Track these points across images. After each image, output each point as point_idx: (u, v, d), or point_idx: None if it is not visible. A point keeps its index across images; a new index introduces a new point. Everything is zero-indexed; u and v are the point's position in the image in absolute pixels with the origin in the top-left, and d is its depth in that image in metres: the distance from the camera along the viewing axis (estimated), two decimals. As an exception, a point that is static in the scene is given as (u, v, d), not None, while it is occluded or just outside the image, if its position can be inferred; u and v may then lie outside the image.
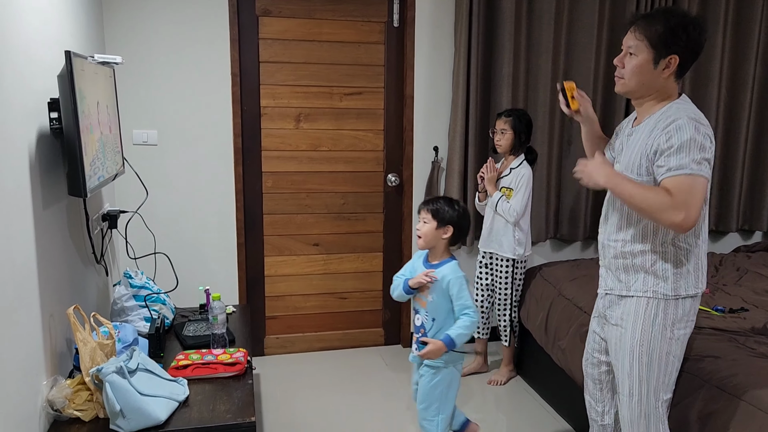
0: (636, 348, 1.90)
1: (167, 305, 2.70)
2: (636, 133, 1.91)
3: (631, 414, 1.95)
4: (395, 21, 3.42)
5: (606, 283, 2.04)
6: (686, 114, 1.78)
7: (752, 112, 3.79)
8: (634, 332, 1.91)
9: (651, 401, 1.92)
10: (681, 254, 1.86)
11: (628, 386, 1.94)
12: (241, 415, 1.96)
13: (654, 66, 1.82)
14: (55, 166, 2.03)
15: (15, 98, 1.69)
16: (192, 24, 3.12)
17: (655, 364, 1.90)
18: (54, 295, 1.97)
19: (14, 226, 1.65)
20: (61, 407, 1.84)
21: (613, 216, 1.98)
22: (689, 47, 1.80)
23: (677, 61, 1.80)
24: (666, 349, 1.89)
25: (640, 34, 1.82)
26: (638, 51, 1.83)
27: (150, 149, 3.16)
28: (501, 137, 3.06)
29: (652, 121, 1.86)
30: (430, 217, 2.31)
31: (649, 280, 1.89)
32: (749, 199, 3.94)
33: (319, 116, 3.41)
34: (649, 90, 1.86)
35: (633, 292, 1.93)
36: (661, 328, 1.88)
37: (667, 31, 1.78)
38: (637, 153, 1.87)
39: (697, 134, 1.74)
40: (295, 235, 3.51)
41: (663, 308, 1.88)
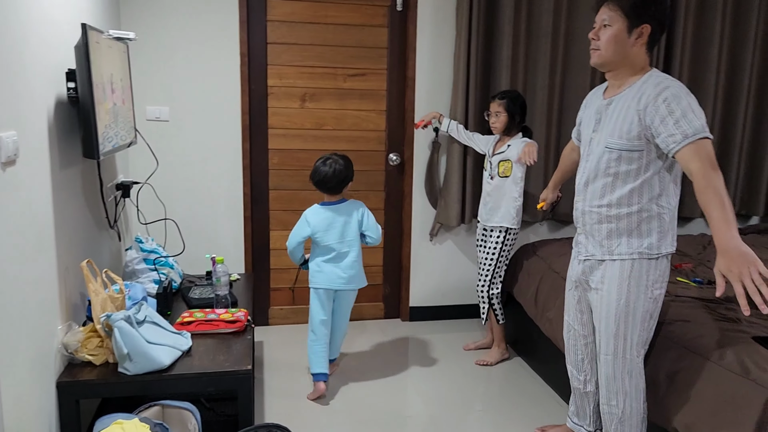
0: (622, 309, 2.02)
1: (175, 269, 2.87)
2: (616, 102, 2.02)
3: (614, 371, 2.08)
4: (398, 5, 3.54)
5: (587, 249, 2.15)
6: (673, 81, 1.91)
7: (750, 98, 3.85)
8: (619, 294, 2.02)
9: (634, 357, 2.06)
10: (663, 213, 1.98)
11: (613, 345, 2.06)
12: (239, 364, 2.12)
13: (628, 35, 1.94)
14: (71, 132, 2.20)
15: (36, 67, 1.85)
16: (204, 6, 3.28)
17: (638, 323, 2.03)
18: (69, 249, 2.14)
19: (35, 180, 1.81)
20: (74, 350, 2.01)
21: (596, 182, 2.07)
22: (658, 17, 1.94)
23: (649, 30, 1.93)
24: (646, 307, 2.02)
25: (614, 5, 1.95)
26: (613, 21, 1.95)
27: (162, 125, 3.33)
28: (496, 119, 3.16)
29: (635, 89, 1.96)
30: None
31: (633, 242, 2.00)
32: (746, 185, 4.00)
33: (323, 96, 3.55)
34: (624, 60, 1.98)
35: (616, 256, 2.04)
36: (644, 288, 2.00)
37: (638, 1, 1.91)
38: (624, 119, 1.96)
39: (692, 99, 1.86)
40: (300, 210, 3.61)
41: (645, 269, 2.00)
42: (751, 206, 4.04)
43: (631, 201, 2.00)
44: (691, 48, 3.70)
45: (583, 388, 2.37)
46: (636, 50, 1.97)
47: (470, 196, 3.58)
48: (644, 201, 1.99)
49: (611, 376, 2.11)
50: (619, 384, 2.10)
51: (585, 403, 2.40)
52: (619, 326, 2.05)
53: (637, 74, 2.00)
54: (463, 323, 3.82)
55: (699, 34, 3.70)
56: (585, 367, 2.34)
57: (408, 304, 3.83)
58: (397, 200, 3.77)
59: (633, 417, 2.11)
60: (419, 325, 3.79)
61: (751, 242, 3.33)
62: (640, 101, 1.93)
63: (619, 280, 2.03)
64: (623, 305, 2.03)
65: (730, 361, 1.86)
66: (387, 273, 3.84)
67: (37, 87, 1.86)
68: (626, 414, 2.11)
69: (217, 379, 2.07)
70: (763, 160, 3.94)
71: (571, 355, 2.39)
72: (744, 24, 3.74)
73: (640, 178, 1.98)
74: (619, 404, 2.11)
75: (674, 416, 1.99)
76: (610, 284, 2.05)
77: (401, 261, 3.84)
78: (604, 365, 2.13)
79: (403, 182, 3.73)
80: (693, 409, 1.92)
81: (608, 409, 2.16)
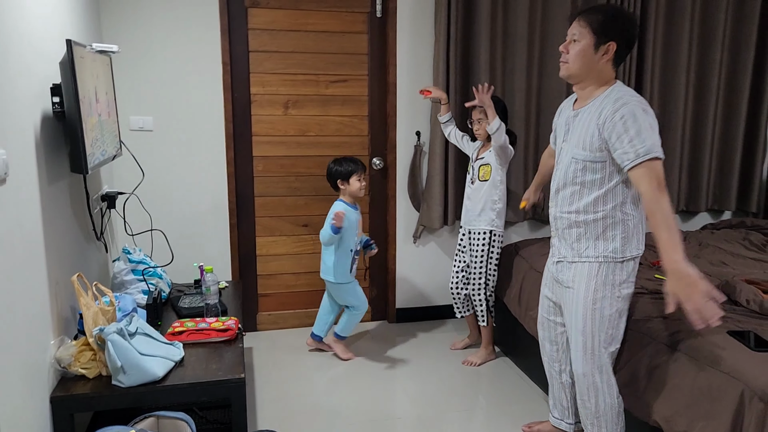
0: (589, 307, 2.13)
1: (164, 279, 2.89)
2: (582, 114, 2.12)
3: (584, 367, 2.17)
4: (378, 11, 3.59)
5: (560, 251, 2.26)
6: (633, 99, 1.99)
7: (720, 97, 3.97)
8: (587, 293, 2.13)
9: (602, 354, 2.15)
10: (627, 220, 2.09)
11: (582, 342, 2.16)
12: (232, 372, 2.15)
13: (594, 51, 2.04)
14: (56, 147, 2.21)
15: (21, 82, 1.87)
16: (184, 15, 3.29)
17: (606, 321, 2.13)
18: (59, 264, 2.16)
19: (23, 196, 1.83)
20: (67, 364, 2.03)
21: (565, 190, 2.18)
22: (624, 36, 2.04)
23: (615, 48, 2.03)
24: (615, 306, 2.12)
25: (584, 22, 2.05)
26: (581, 37, 2.05)
27: (146, 135, 3.33)
28: (479, 126, 3.22)
29: (597, 103, 2.07)
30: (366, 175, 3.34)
31: (600, 245, 2.12)
32: (718, 180, 4.13)
33: (306, 103, 3.59)
34: (590, 73, 2.08)
35: (585, 258, 2.15)
36: (611, 288, 2.11)
37: (606, 19, 2.02)
38: (587, 131, 2.07)
39: (649, 117, 1.96)
40: (285, 216, 3.70)
41: (612, 270, 2.11)
42: (723, 201, 4.16)
43: (597, 208, 2.11)
44: (662, 49, 3.80)
45: (559, 377, 2.48)
46: (602, 65, 2.06)
47: (452, 199, 3.64)
48: (608, 208, 2.10)
49: (581, 373, 2.21)
50: (590, 380, 2.19)
51: (562, 395, 2.49)
52: (586, 323, 2.15)
53: (601, 87, 2.10)
54: (449, 323, 3.89)
55: (669, 35, 3.80)
56: (560, 357, 2.45)
57: (394, 306, 3.89)
58: (381, 204, 3.82)
59: (608, 412, 2.20)
60: (406, 327, 3.85)
61: (724, 237, 3.46)
62: (600, 116, 2.03)
63: (587, 279, 2.14)
64: (590, 303, 2.13)
65: (707, 356, 1.94)
66: (373, 276, 3.89)
67: (23, 103, 1.88)
68: (600, 409, 2.20)
69: (211, 389, 2.10)
70: (733, 157, 4.06)
71: (546, 346, 2.49)
72: (712, 26, 3.85)
73: (604, 187, 2.09)
74: (591, 399, 2.21)
75: (654, 410, 2.07)
76: (579, 284, 2.16)
77: (387, 264, 3.89)
78: (575, 362, 2.23)
79: (387, 186, 3.78)
80: (672, 403, 2.00)
81: (582, 404, 2.25)
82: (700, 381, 1.91)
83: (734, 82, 3.97)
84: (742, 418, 1.75)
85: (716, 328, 2.10)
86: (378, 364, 3.34)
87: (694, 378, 1.95)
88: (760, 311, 2.22)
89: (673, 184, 3.98)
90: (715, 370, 1.88)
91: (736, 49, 3.93)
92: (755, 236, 3.39)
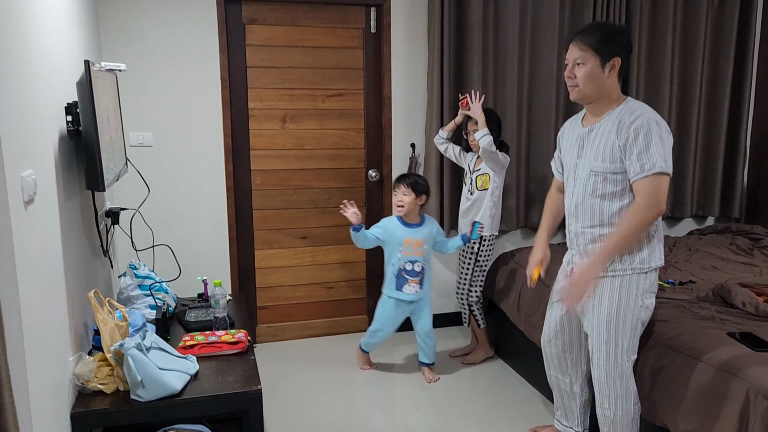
0: (613, 317, 2.17)
1: (170, 294, 2.90)
2: (597, 129, 2.17)
3: (608, 375, 2.21)
4: (372, 27, 3.67)
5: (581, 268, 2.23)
6: (647, 112, 2.07)
7: (702, 107, 4.12)
8: (610, 303, 2.17)
9: (624, 362, 2.20)
10: (651, 230, 2.14)
11: (605, 351, 2.20)
12: (249, 384, 2.18)
13: (602, 70, 2.10)
14: (70, 164, 2.23)
15: (42, 103, 1.89)
16: (183, 32, 3.33)
17: (628, 330, 2.17)
18: (74, 280, 2.17)
19: (47, 215, 1.85)
20: (86, 380, 2.04)
21: (585, 204, 2.21)
22: (625, 48, 2.11)
23: (620, 62, 2.10)
24: (637, 316, 2.17)
25: (584, 45, 2.10)
26: (585, 60, 2.10)
27: (146, 150, 3.35)
28: (474, 138, 3.31)
29: (614, 116, 2.12)
30: (410, 190, 3.10)
31: (626, 257, 2.15)
32: (702, 187, 4.27)
33: (303, 117, 3.64)
34: (601, 92, 2.14)
35: (611, 272, 2.17)
36: (634, 298, 2.15)
37: (605, 37, 2.08)
38: (605, 145, 2.12)
39: (662, 130, 2.03)
40: (284, 229, 3.73)
41: (637, 281, 2.15)
42: (707, 208, 4.30)
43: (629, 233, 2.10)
44: (646, 62, 3.94)
45: (571, 389, 2.51)
46: (610, 81, 2.12)
47: (448, 209, 3.72)
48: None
49: (603, 380, 2.24)
50: (612, 387, 2.22)
51: (573, 404, 2.54)
52: (611, 333, 2.18)
53: (614, 103, 2.16)
54: (446, 330, 3.95)
55: (652, 48, 3.95)
56: (570, 371, 2.48)
57: (392, 316, 3.93)
58: (378, 215, 3.87)
59: (624, 418, 2.24)
60: (404, 335, 3.89)
61: (712, 242, 3.59)
62: (619, 127, 2.09)
63: (610, 291, 2.17)
64: (614, 313, 2.17)
65: (710, 357, 2.03)
66: (370, 286, 3.94)
67: (45, 123, 1.90)
68: (618, 416, 2.24)
69: (229, 401, 2.13)
70: (716, 165, 4.21)
71: (555, 361, 2.52)
72: (692, 39, 4.00)
73: (626, 198, 2.13)
74: (611, 407, 2.24)
75: (660, 411, 2.16)
76: (602, 294, 2.19)
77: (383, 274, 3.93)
78: (597, 369, 2.25)
79: (383, 197, 3.84)
80: (678, 404, 2.08)
81: (601, 412, 2.28)
82: (705, 381, 2.00)
83: (715, 93, 4.13)
84: (747, 416, 1.84)
85: (716, 330, 2.20)
86: (380, 373, 3.38)
87: (699, 379, 2.03)
88: (756, 313, 2.33)
89: (659, 192, 4.11)
90: (719, 370, 1.97)
91: (716, 61, 4.09)
92: (741, 241, 3.53)
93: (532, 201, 3.95)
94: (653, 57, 3.95)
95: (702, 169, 4.24)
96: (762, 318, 2.31)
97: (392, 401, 3.08)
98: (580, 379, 2.48)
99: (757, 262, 3.18)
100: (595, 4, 3.74)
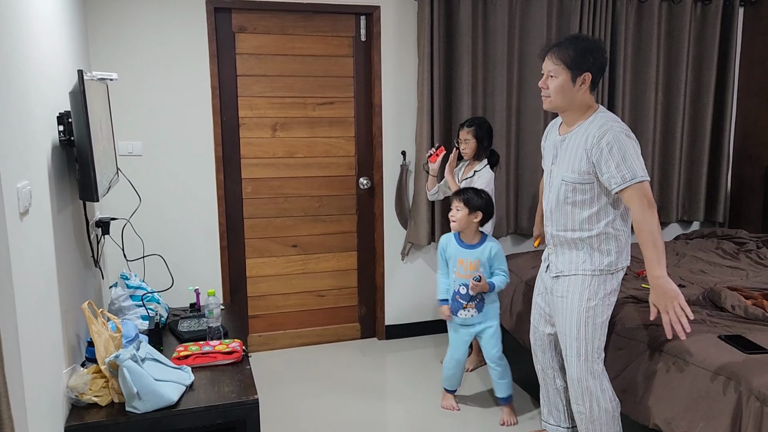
0: (582, 315, 2.27)
1: (161, 304, 2.88)
2: (569, 139, 2.28)
3: (579, 373, 2.30)
4: (362, 35, 3.68)
5: (556, 266, 2.39)
6: (614, 125, 2.15)
7: (686, 113, 4.19)
8: (580, 302, 2.27)
9: (595, 359, 2.29)
10: (619, 235, 2.25)
11: (576, 348, 2.29)
12: (245, 394, 2.17)
13: (572, 84, 2.20)
14: (62, 175, 2.21)
15: (37, 113, 1.88)
16: (173, 41, 3.32)
17: (598, 328, 2.28)
18: (68, 292, 2.15)
19: (42, 226, 1.84)
20: (81, 392, 2.02)
21: (558, 211, 2.33)
22: (597, 65, 2.19)
23: (590, 77, 2.19)
24: (606, 314, 2.28)
25: (557, 59, 2.20)
26: (557, 73, 2.20)
27: (136, 159, 3.33)
28: (466, 146, 3.32)
29: (583, 128, 2.23)
30: (462, 205, 2.83)
31: (596, 259, 2.26)
32: (687, 193, 4.34)
33: (294, 125, 3.65)
34: (572, 104, 2.24)
35: (581, 271, 2.29)
36: (602, 297, 2.26)
37: (577, 54, 2.17)
38: (575, 156, 2.23)
39: (632, 142, 2.14)
40: (275, 237, 3.73)
41: (604, 281, 2.26)
42: (692, 213, 4.37)
43: (591, 226, 2.26)
44: (631, 70, 4.00)
45: (554, 383, 2.59)
46: (581, 95, 2.22)
47: (439, 216, 3.74)
48: (601, 225, 2.25)
49: (575, 378, 2.32)
50: (584, 384, 2.31)
51: (557, 400, 2.61)
52: (580, 331, 2.28)
53: (585, 114, 2.26)
54: (437, 338, 3.96)
55: (638, 57, 4.01)
56: (553, 364, 2.57)
57: (384, 323, 3.94)
58: (369, 222, 3.88)
59: (602, 416, 2.31)
60: (396, 343, 3.90)
61: (698, 247, 3.64)
62: (587, 141, 2.19)
63: (580, 290, 2.29)
64: (584, 312, 2.27)
65: (703, 360, 2.06)
66: (362, 294, 3.95)
67: (39, 134, 1.89)
68: (594, 413, 2.31)
69: (225, 411, 2.12)
70: (700, 171, 4.28)
71: (539, 354, 2.60)
72: (677, 47, 4.07)
73: (595, 206, 2.24)
74: (585, 404, 2.32)
75: (654, 413, 2.18)
76: (572, 293, 2.30)
77: (375, 281, 3.95)
78: (569, 368, 2.35)
79: (374, 205, 3.85)
80: (671, 406, 2.11)
81: (576, 409, 2.37)
82: (698, 384, 2.03)
83: (699, 100, 4.20)
84: (740, 417, 1.87)
85: (707, 333, 2.24)
86: (371, 381, 3.38)
87: (692, 381, 2.06)
88: (745, 316, 2.37)
89: (646, 197, 4.16)
90: (711, 372, 2.00)
91: (700, 69, 4.17)
92: (727, 245, 3.58)
93: (522, 207, 3.98)
94: (639, 65, 4.02)
95: (687, 175, 4.31)
96: (751, 321, 2.36)
97: (383, 406, 3.08)
98: (562, 372, 2.54)
99: (743, 266, 3.23)
100: (581, 13, 3.80)
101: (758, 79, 4.17)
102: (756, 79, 4.19)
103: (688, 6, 4.01)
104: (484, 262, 2.87)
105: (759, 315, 2.37)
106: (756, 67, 4.18)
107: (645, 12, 3.96)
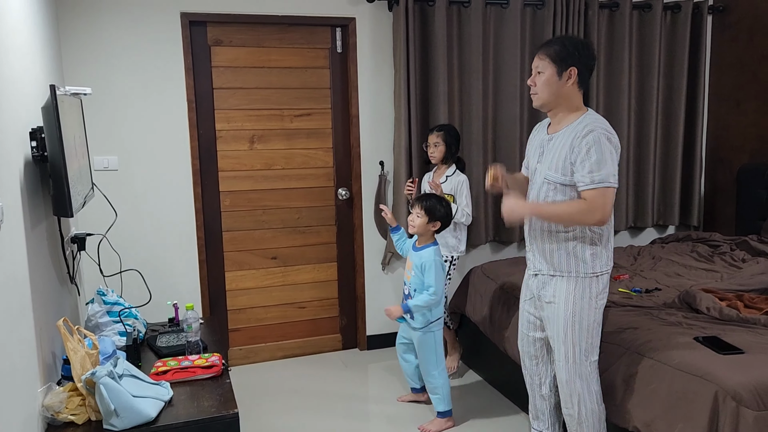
0: (569, 318, 2.27)
1: (139, 320, 2.85)
2: (556, 139, 2.29)
3: (567, 375, 2.30)
4: (338, 47, 3.70)
5: (534, 265, 2.41)
6: (600, 126, 2.18)
7: (659, 120, 4.27)
8: (566, 306, 2.27)
9: (583, 362, 2.29)
10: (596, 238, 2.26)
11: (564, 351, 2.29)
12: (225, 408, 2.14)
13: (558, 78, 2.22)
14: (36, 191, 2.18)
15: (10, 129, 1.86)
16: (148, 54, 3.30)
17: (585, 331, 2.27)
18: (42, 309, 2.11)
19: (14, 243, 1.81)
20: (57, 411, 1.98)
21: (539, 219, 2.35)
22: (583, 61, 2.23)
23: (576, 72, 2.21)
24: (593, 317, 2.27)
25: (543, 55, 2.25)
26: (544, 68, 2.24)
27: (111, 174, 3.30)
28: (435, 149, 3.37)
29: (571, 129, 2.24)
30: (423, 213, 2.83)
31: (572, 261, 2.27)
32: (661, 197, 4.41)
33: (271, 137, 3.64)
34: (559, 99, 2.26)
35: (559, 273, 2.30)
36: (588, 300, 2.26)
37: (563, 48, 2.22)
38: (560, 155, 2.24)
39: (611, 146, 2.16)
40: (254, 249, 3.71)
41: (589, 284, 2.26)
42: (667, 217, 4.43)
43: (568, 227, 2.27)
44: (604, 77, 4.07)
45: (540, 389, 2.59)
46: (568, 90, 2.24)
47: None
48: (577, 229, 2.26)
49: (564, 381, 2.33)
50: (572, 387, 2.32)
51: (543, 406, 2.61)
52: (568, 334, 2.29)
53: (573, 113, 2.27)
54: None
55: (610, 64, 4.08)
56: (540, 370, 2.57)
57: (365, 333, 3.93)
58: (348, 233, 3.88)
59: (589, 418, 2.32)
60: (377, 353, 3.89)
61: (674, 250, 3.69)
62: (572, 141, 2.21)
63: (566, 294, 2.29)
64: (570, 315, 2.28)
65: (679, 362, 2.09)
66: (342, 304, 3.94)
67: (12, 150, 1.86)
68: (582, 416, 2.33)
69: (206, 426, 2.09)
70: (674, 176, 4.35)
71: (526, 362, 2.60)
72: (648, 54, 4.15)
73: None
74: (574, 406, 2.33)
75: (633, 416, 2.21)
76: (559, 298, 2.30)
77: (356, 291, 3.94)
78: (558, 371, 2.36)
79: (353, 215, 3.85)
80: (650, 408, 2.13)
81: (566, 412, 2.38)
82: (675, 385, 2.06)
83: (671, 106, 4.28)
84: (717, 418, 1.90)
85: (683, 335, 2.27)
86: (352, 390, 3.37)
87: (669, 383, 2.09)
88: (720, 317, 2.41)
89: (621, 202, 4.23)
90: (688, 374, 2.03)
91: (671, 75, 4.25)
92: (702, 248, 3.64)
93: (499, 215, 4.00)
94: (611, 72, 4.09)
95: (661, 180, 4.38)
96: (726, 322, 2.40)
97: (367, 417, 3.07)
98: (548, 380, 2.55)
99: (717, 268, 3.29)
100: (554, 23, 3.85)
101: (727, 85, 4.27)
102: (725, 85, 4.28)
103: (659, 14, 4.09)
104: (418, 265, 2.83)
105: (733, 316, 2.41)
106: (725, 73, 4.28)
107: (616, 20, 4.04)
